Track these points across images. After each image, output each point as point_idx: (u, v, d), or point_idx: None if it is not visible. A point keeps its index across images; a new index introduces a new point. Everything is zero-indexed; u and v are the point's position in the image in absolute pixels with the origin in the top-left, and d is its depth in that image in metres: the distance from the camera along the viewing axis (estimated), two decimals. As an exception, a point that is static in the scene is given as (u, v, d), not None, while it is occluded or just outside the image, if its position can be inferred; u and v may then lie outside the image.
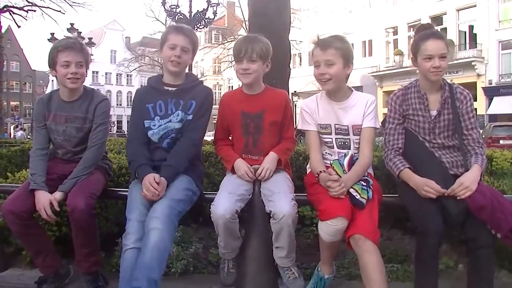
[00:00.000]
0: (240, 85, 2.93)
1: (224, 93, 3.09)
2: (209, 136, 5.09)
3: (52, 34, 20.10)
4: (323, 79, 2.63)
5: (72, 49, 2.84)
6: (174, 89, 2.82)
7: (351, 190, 2.46)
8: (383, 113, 2.94)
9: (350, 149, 2.70)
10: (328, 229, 2.38)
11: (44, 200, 2.67)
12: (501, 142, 17.45)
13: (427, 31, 2.68)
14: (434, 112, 2.67)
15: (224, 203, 2.53)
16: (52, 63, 2.87)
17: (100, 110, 2.95)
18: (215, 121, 2.94)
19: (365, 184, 2.51)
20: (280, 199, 2.53)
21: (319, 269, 2.80)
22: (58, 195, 2.71)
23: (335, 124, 2.71)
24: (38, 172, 2.80)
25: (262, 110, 2.79)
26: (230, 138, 2.97)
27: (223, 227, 2.53)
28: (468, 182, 2.41)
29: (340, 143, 2.72)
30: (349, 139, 2.71)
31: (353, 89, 2.77)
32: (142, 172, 2.61)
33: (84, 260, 2.81)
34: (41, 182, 2.74)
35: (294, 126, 3.06)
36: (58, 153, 3.02)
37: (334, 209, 2.36)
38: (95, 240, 2.84)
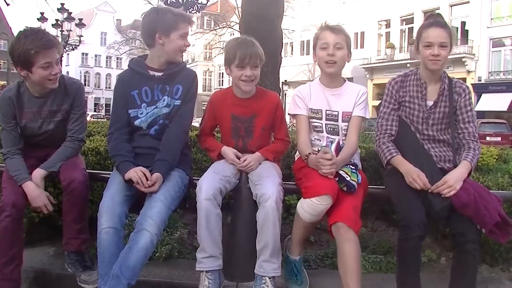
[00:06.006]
0: (231, 85, 2.89)
1: (214, 92, 3.04)
2: (196, 122, 5.05)
3: (42, 13, 19.77)
4: (330, 61, 2.66)
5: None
6: (160, 74, 2.72)
7: (342, 172, 2.47)
8: (373, 106, 2.96)
9: (338, 135, 2.72)
10: (311, 207, 2.38)
11: (42, 198, 2.65)
12: (488, 139, 17.69)
13: (431, 20, 2.66)
14: (430, 102, 2.67)
15: (208, 180, 2.56)
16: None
17: (78, 99, 2.88)
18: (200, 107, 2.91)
19: (353, 167, 2.53)
20: (268, 182, 2.54)
21: (289, 254, 2.78)
22: (41, 172, 2.69)
23: (326, 110, 2.74)
24: (22, 168, 2.70)
25: (253, 114, 2.78)
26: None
27: (205, 208, 2.48)
28: (452, 180, 2.41)
29: (329, 128, 2.75)
30: (338, 125, 2.73)
31: (346, 79, 2.80)
32: (124, 168, 2.56)
33: (75, 237, 2.76)
34: (27, 175, 2.67)
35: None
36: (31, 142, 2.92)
37: (322, 187, 2.36)
38: (86, 216, 2.80)
